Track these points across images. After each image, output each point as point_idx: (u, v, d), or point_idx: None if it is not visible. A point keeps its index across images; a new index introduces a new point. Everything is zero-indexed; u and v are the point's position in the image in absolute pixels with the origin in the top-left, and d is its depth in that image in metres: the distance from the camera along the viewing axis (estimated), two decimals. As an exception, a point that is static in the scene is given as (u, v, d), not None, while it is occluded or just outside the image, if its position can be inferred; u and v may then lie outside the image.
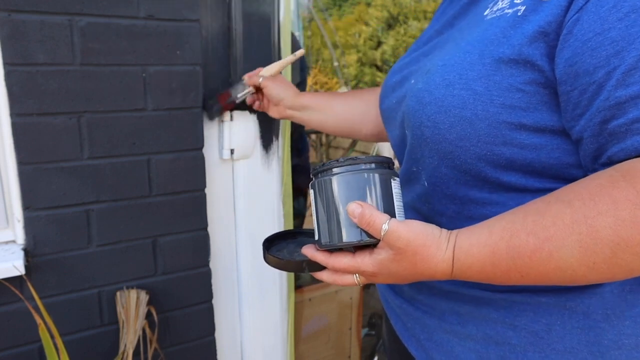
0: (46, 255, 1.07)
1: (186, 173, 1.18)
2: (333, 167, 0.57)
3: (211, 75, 1.23)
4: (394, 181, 0.57)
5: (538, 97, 0.52)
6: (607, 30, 0.45)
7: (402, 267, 0.54)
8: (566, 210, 0.46)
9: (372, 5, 7.60)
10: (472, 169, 0.58)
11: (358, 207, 0.54)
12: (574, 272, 0.46)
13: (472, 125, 0.55)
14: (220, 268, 1.33)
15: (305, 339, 1.84)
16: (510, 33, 0.52)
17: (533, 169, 0.55)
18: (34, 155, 1.02)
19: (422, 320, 0.68)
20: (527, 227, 0.48)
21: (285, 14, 1.30)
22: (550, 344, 0.57)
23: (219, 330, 1.35)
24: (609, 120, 0.46)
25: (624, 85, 0.44)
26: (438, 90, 0.57)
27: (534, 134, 0.53)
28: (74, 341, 1.13)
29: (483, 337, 0.61)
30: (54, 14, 0.99)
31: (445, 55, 0.59)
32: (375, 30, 7.54)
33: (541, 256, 0.46)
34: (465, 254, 0.51)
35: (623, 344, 0.55)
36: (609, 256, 0.44)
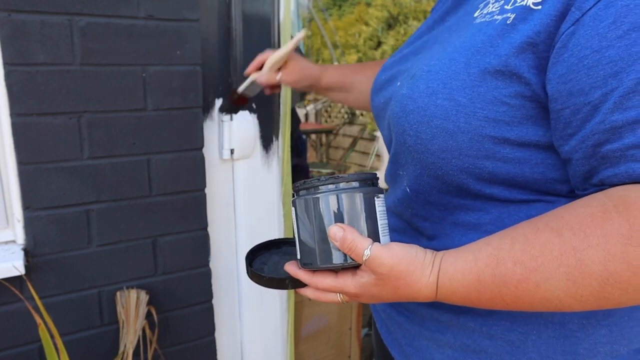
0: (46, 255, 1.07)
1: (186, 173, 1.18)
2: (315, 186, 0.55)
3: (211, 75, 1.23)
4: (378, 199, 0.55)
5: (523, 111, 0.50)
6: (606, 49, 0.42)
7: (384, 291, 0.53)
8: (555, 240, 0.44)
9: (372, 5, 7.60)
10: (454, 180, 0.56)
11: (340, 231, 0.52)
12: (560, 303, 0.45)
13: (454, 138, 0.53)
14: (220, 268, 1.33)
15: (305, 339, 1.84)
16: (498, 42, 0.49)
17: (516, 182, 0.53)
18: (34, 155, 1.02)
19: (404, 325, 0.67)
20: (514, 255, 0.46)
21: (285, 14, 1.30)
22: (526, 353, 0.56)
23: (219, 330, 1.35)
24: (603, 143, 0.44)
25: (621, 109, 0.42)
26: (421, 99, 0.55)
27: (517, 148, 0.51)
28: (74, 341, 1.13)
29: (460, 346, 0.60)
30: (54, 14, 0.99)
31: (431, 60, 0.57)
32: (375, 30, 7.53)
33: (528, 286, 0.45)
34: (450, 280, 0.49)
35: (598, 352, 0.55)
36: (596, 290, 0.43)
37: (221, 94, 1.26)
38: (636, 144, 0.42)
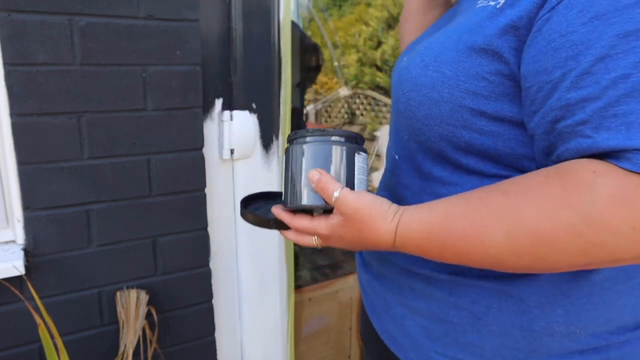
0: (46, 255, 1.07)
1: (186, 173, 1.18)
2: (305, 136, 0.62)
3: (211, 75, 1.23)
4: (359, 155, 0.62)
5: (501, 88, 0.53)
6: (571, 33, 0.46)
7: (349, 232, 0.58)
8: (502, 200, 0.48)
9: (372, 5, 7.60)
10: (435, 147, 0.61)
11: (317, 174, 0.59)
12: (501, 259, 0.49)
13: (437, 106, 0.58)
14: (220, 268, 1.33)
15: (305, 339, 1.84)
16: (486, 24, 0.53)
17: (489, 155, 0.57)
18: (34, 155, 1.02)
19: (384, 295, 0.72)
20: (463, 211, 0.51)
21: (285, 14, 1.30)
22: (486, 325, 0.60)
23: (219, 330, 1.35)
24: (559, 120, 0.47)
25: (576, 87, 0.45)
26: (415, 70, 0.61)
27: (493, 122, 0.55)
28: (74, 341, 1.13)
29: (430, 314, 0.64)
30: (54, 14, 0.99)
31: (431, 38, 0.62)
32: (375, 30, 7.53)
33: (472, 241, 0.49)
34: (406, 228, 0.54)
35: (554, 332, 0.57)
36: (531, 247, 0.46)
37: (221, 94, 1.26)
38: (585, 120, 0.45)
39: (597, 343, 0.57)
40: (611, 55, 0.43)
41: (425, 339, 0.65)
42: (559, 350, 0.58)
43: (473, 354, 0.61)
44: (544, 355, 0.58)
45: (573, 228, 0.44)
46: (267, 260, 1.41)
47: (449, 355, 0.63)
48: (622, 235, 0.42)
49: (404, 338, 0.68)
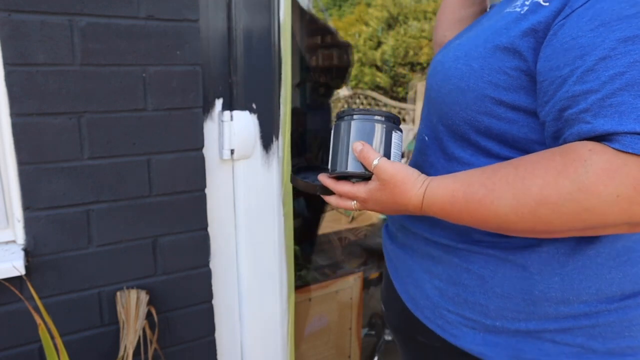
0: (46, 256, 1.07)
1: (186, 173, 1.18)
2: (352, 114, 0.73)
3: (211, 75, 1.23)
4: (395, 133, 0.73)
5: (519, 81, 0.62)
6: (580, 37, 0.54)
7: (385, 196, 0.69)
8: (512, 172, 0.58)
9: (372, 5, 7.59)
10: (459, 130, 0.70)
11: (360, 145, 0.70)
12: (507, 219, 0.58)
13: (463, 94, 0.67)
14: (220, 268, 1.33)
15: (305, 339, 1.84)
16: (511, 27, 0.63)
17: (505, 139, 0.66)
18: (34, 155, 1.02)
19: (407, 262, 0.82)
20: (481, 180, 0.60)
21: (285, 14, 1.30)
22: (492, 288, 0.69)
23: (219, 330, 1.35)
24: (566, 109, 0.56)
25: (581, 82, 0.54)
26: (448, 63, 0.71)
27: (510, 110, 0.64)
28: (74, 341, 1.13)
29: (446, 277, 0.74)
30: (54, 14, 0.99)
31: (464, 38, 0.73)
32: (375, 31, 7.53)
33: (486, 202, 0.59)
34: (432, 193, 0.64)
35: (551, 297, 0.65)
36: (533, 209, 0.55)
37: (221, 94, 1.26)
38: (586, 108, 0.53)
39: (588, 309, 0.65)
40: (611, 56, 0.52)
41: (440, 298, 0.74)
42: (554, 314, 0.66)
43: (479, 312, 0.70)
44: (541, 317, 0.66)
45: (569, 194, 0.53)
46: (267, 260, 1.41)
47: (459, 313, 0.72)
48: (609, 201, 0.51)
49: (422, 298, 0.77)
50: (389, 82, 6.89)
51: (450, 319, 0.73)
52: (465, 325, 0.72)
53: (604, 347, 0.65)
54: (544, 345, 0.67)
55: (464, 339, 0.71)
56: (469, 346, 0.71)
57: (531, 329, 0.67)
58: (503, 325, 0.68)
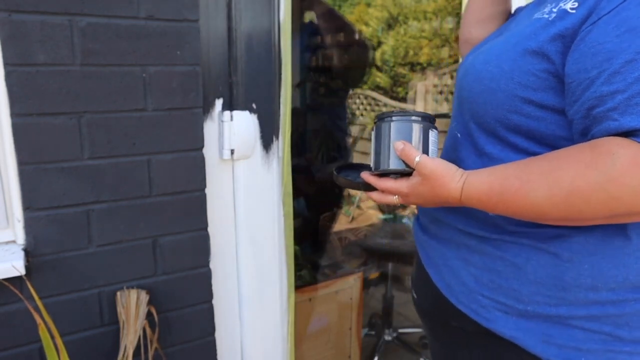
0: (46, 255, 1.07)
1: (186, 173, 1.18)
2: (391, 116, 0.79)
3: (211, 75, 1.23)
4: (432, 132, 0.78)
5: (547, 82, 0.67)
6: (607, 42, 0.59)
7: (426, 190, 0.73)
8: (545, 165, 0.63)
9: (372, 5, 7.59)
10: (490, 127, 0.75)
11: (401, 144, 0.76)
12: (541, 209, 0.63)
13: (494, 94, 0.72)
14: (220, 268, 1.33)
15: (305, 339, 1.84)
16: (540, 32, 0.68)
17: (533, 135, 0.71)
18: (34, 155, 1.02)
19: (442, 251, 0.86)
20: (517, 173, 0.65)
21: (285, 14, 1.30)
22: (525, 274, 0.73)
23: (219, 330, 1.35)
24: (594, 107, 0.60)
25: (608, 83, 0.59)
26: (479, 65, 0.76)
27: (538, 109, 0.69)
28: (74, 341, 1.13)
29: (482, 265, 0.78)
30: (54, 14, 0.99)
31: (494, 42, 0.78)
32: (375, 30, 7.52)
33: (521, 194, 0.63)
34: (470, 186, 0.69)
35: (581, 283, 0.69)
36: (565, 198, 0.60)
37: (221, 94, 1.26)
38: (614, 107, 0.58)
39: (616, 297, 0.68)
40: (637, 60, 0.57)
41: (475, 284, 0.79)
42: (583, 300, 0.69)
43: (512, 297, 0.74)
44: (571, 303, 0.70)
45: (598, 185, 0.58)
46: (267, 260, 1.41)
47: (493, 298, 0.76)
48: (635, 191, 0.56)
49: (457, 285, 0.82)
50: (389, 82, 6.88)
51: (485, 304, 0.77)
52: (498, 310, 0.75)
53: (631, 336, 0.68)
54: (573, 331, 0.70)
55: (497, 322, 0.75)
56: (501, 329, 0.75)
57: (561, 314, 0.70)
58: (535, 310, 0.72)
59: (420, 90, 5.25)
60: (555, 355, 0.71)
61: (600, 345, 0.69)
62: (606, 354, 0.69)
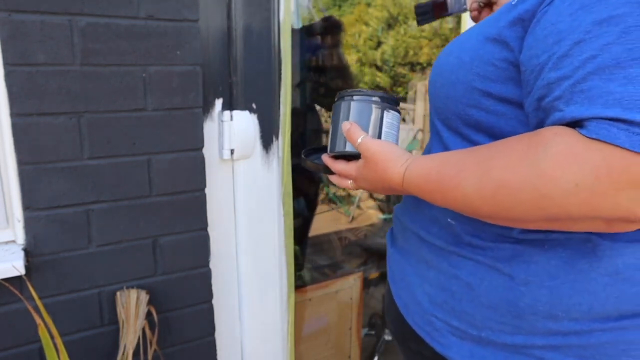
0: (46, 255, 1.07)
1: (186, 173, 1.18)
2: (344, 95, 0.75)
3: (211, 75, 1.23)
4: (388, 113, 0.73)
5: (506, 73, 0.60)
6: (559, 22, 0.52)
7: (369, 173, 0.69)
8: (484, 153, 0.56)
9: (372, 5, 7.59)
10: (452, 124, 0.70)
11: (347, 125, 0.72)
12: (471, 201, 0.56)
13: (454, 88, 0.67)
14: (220, 268, 1.33)
15: (305, 339, 1.84)
16: (501, 17, 0.61)
17: (494, 132, 0.64)
18: (34, 155, 1.02)
19: (403, 265, 0.81)
20: (455, 160, 0.59)
21: (285, 14, 1.30)
22: (478, 296, 0.66)
23: (219, 330, 1.35)
24: (543, 98, 0.53)
25: (556, 68, 0.51)
26: (442, 57, 0.71)
27: (498, 102, 0.62)
28: (74, 341, 1.13)
29: (436, 283, 0.72)
30: (54, 14, 0.99)
31: (464, 32, 0.73)
32: (375, 30, 7.53)
33: (454, 183, 0.57)
34: (411, 172, 0.64)
35: (538, 311, 0.61)
36: (493, 192, 0.53)
37: (221, 94, 1.26)
38: (559, 96, 0.50)
39: (579, 328, 0.60)
40: (585, 40, 0.49)
41: (429, 304, 0.72)
42: (542, 330, 0.61)
43: (466, 321, 0.67)
44: (528, 332, 0.62)
45: (526, 178, 0.50)
46: (267, 260, 1.41)
47: (446, 321, 0.70)
48: (568, 189, 0.47)
49: (412, 303, 0.76)
50: (389, 82, 6.88)
51: (438, 326, 0.71)
52: (452, 334, 0.69)
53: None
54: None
55: (451, 348, 0.69)
56: (455, 357, 0.68)
57: (518, 343, 0.63)
58: (489, 337, 0.65)
59: (420, 90, 5.25)
60: None
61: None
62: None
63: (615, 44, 0.47)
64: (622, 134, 0.45)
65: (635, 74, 0.46)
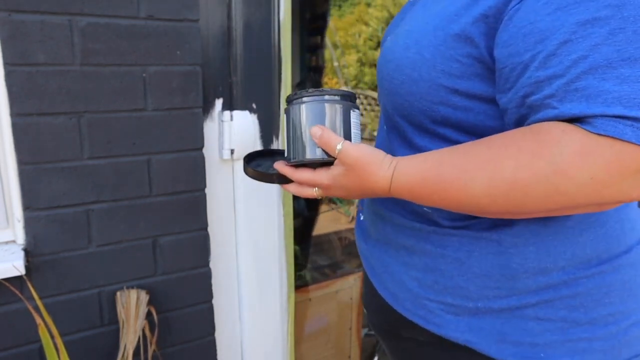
0: (46, 255, 1.07)
1: (186, 173, 1.18)
2: (303, 96, 0.68)
3: (211, 75, 1.23)
4: (354, 112, 0.69)
5: (472, 69, 0.61)
6: (538, 21, 0.53)
7: (350, 181, 0.66)
8: (486, 152, 0.56)
9: (372, 5, 7.60)
10: (416, 120, 0.69)
11: (319, 130, 0.66)
12: (479, 201, 0.56)
13: (417, 85, 0.65)
14: (220, 268, 1.33)
15: (305, 339, 1.84)
16: (462, 13, 0.61)
17: (463, 127, 0.65)
18: (34, 155, 1.02)
19: (382, 257, 0.80)
20: (453, 160, 0.58)
21: (285, 14, 1.30)
22: (470, 268, 0.67)
23: (219, 330, 1.35)
24: (530, 95, 0.54)
25: (544, 67, 0.53)
26: (398, 52, 0.68)
27: (465, 98, 0.63)
28: (74, 341, 1.13)
29: (422, 266, 0.72)
30: (54, 14, 0.99)
31: (412, 21, 0.70)
32: (375, 30, 7.53)
33: (458, 184, 0.57)
34: (401, 174, 0.62)
35: (528, 268, 0.65)
36: (506, 192, 0.54)
37: (221, 94, 1.26)
38: (551, 94, 0.52)
39: (567, 277, 0.64)
40: (572, 40, 0.51)
41: (419, 288, 0.72)
42: (534, 286, 0.65)
43: (460, 296, 0.68)
44: (521, 292, 0.65)
45: (544, 177, 0.52)
46: (267, 260, 1.41)
47: (440, 301, 0.70)
48: (583, 184, 0.50)
49: (401, 291, 0.75)
50: (389, 82, 6.85)
51: (432, 308, 0.71)
52: (447, 312, 0.70)
53: (587, 318, 0.64)
54: (528, 324, 0.66)
55: (448, 327, 0.70)
56: (453, 334, 0.69)
57: (513, 305, 0.66)
58: (485, 306, 0.67)
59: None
60: (513, 354, 0.66)
61: (558, 335, 0.65)
62: (565, 344, 0.64)
63: (604, 45, 0.50)
64: (629, 130, 0.48)
65: (627, 74, 0.49)
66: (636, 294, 0.66)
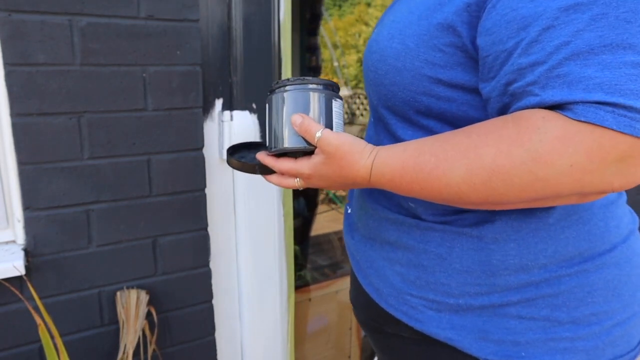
0: (46, 255, 1.07)
1: (186, 173, 1.18)
2: (285, 85, 0.67)
3: (211, 75, 1.23)
4: (335, 102, 0.68)
5: (455, 58, 0.61)
6: (520, 8, 0.53)
7: (331, 169, 0.65)
8: (465, 140, 0.56)
9: (372, 5, 7.60)
10: (400, 111, 0.68)
11: (299, 118, 0.66)
12: (459, 190, 0.56)
13: (400, 74, 0.65)
14: (220, 268, 1.33)
15: (305, 339, 1.84)
16: (446, 2, 0.61)
17: (446, 117, 0.65)
18: (34, 155, 1.02)
19: (368, 253, 0.80)
20: (432, 149, 0.58)
21: (285, 14, 1.30)
22: (451, 264, 0.67)
23: (219, 330, 1.35)
24: (512, 82, 0.54)
25: (526, 54, 0.52)
26: (383, 42, 0.68)
27: (448, 88, 0.62)
28: (74, 341, 1.13)
29: (406, 261, 0.72)
30: (54, 14, 0.99)
31: (397, 12, 0.69)
32: (375, 30, 7.52)
33: (437, 173, 0.57)
34: (381, 164, 0.62)
35: (509, 265, 0.64)
36: (485, 179, 0.53)
37: (221, 94, 1.26)
38: (533, 81, 0.52)
39: (548, 275, 0.64)
40: (555, 26, 0.50)
41: (402, 284, 0.72)
42: (515, 284, 0.64)
43: (442, 292, 0.68)
44: (503, 289, 0.65)
45: (523, 164, 0.51)
46: (267, 260, 1.41)
47: (422, 297, 0.70)
48: (563, 171, 0.50)
49: (385, 287, 0.75)
50: (389, 82, 6.84)
51: (414, 304, 0.71)
52: (429, 308, 0.70)
53: (569, 317, 0.64)
54: (510, 323, 0.65)
55: (430, 323, 0.69)
56: (435, 330, 0.69)
57: (495, 302, 0.65)
58: (467, 303, 0.67)
59: (420, 90, 5.23)
60: (494, 353, 0.65)
61: (540, 334, 0.64)
62: (547, 343, 0.64)
63: (586, 31, 0.49)
64: (609, 116, 0.48)
65: (608, 60, 0.49)
66: (620, 294, 0.66)
